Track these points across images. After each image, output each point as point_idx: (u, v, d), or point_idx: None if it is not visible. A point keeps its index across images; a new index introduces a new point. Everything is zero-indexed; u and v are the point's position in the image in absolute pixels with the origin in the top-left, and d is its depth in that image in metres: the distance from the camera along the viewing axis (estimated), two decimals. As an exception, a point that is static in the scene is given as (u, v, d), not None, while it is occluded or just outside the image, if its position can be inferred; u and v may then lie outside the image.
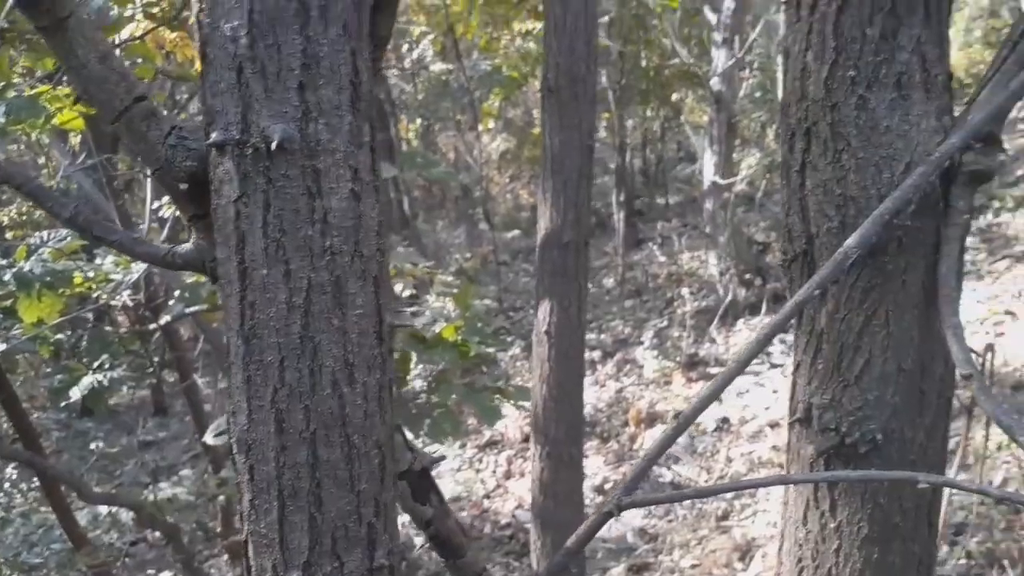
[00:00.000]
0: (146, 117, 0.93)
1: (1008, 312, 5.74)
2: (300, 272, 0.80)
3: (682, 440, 6.02)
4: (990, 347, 2.20)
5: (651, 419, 6.26)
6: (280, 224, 0.79)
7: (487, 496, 6.06)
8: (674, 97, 8.94)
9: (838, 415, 1.20)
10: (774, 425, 5.81)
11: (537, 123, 11.82)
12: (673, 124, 11.27)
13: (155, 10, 3.57)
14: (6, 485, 6.07)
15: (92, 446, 7.61)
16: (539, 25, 8.59)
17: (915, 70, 1.12)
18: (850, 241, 1.07)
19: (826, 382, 1.20)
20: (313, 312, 0.81)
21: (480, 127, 9.59)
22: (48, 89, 3.49)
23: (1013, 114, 9.33)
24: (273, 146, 0.76)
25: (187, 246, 1.01)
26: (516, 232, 12.35)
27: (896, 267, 1.15)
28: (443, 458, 1.32)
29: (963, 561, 4.01)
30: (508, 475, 6.21)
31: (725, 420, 6.05)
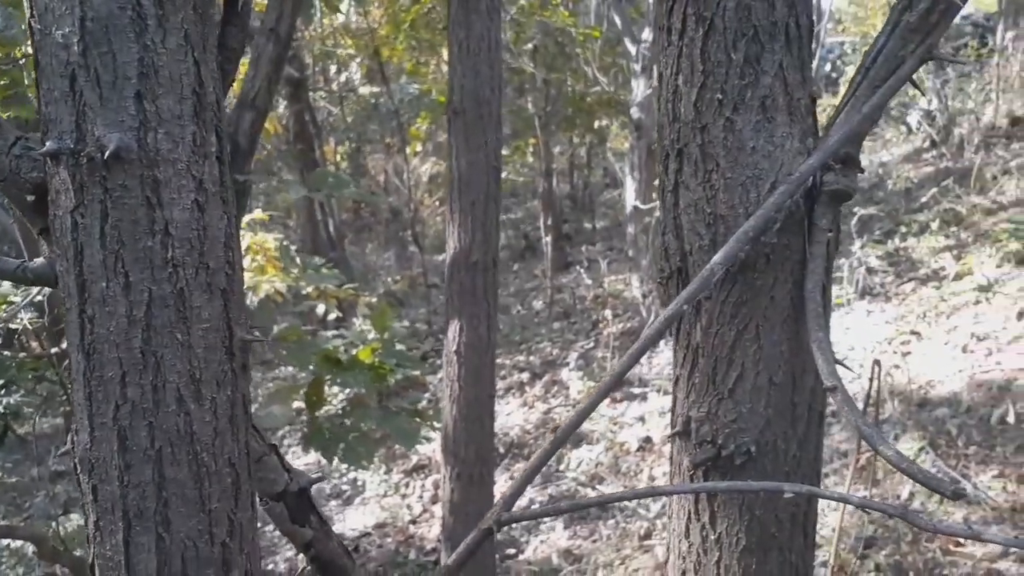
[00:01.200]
0: (-15, 126, 0.89)
1: (914, 332, 5.98)
2: (140, 284, 0.77)
3: (606, 460, 6.07)
4: (877, 363, 2.28)
5: (577, 439, 6.29)
6: (119, 235, 0.77)
7: (413, 522, 5.98)
8: (597, 124, 9.10)
9: (714, 427, 1.22)
10: (695, 444, 5.89)
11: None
12: (599, 150, 11.47)
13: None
14: None
15: (-1, 477, 7.28)
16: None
17: (778, 93, 1.16)
18: (716, 258, 1.10)
19: (702, 395, 1.22)
20: (155, 326, 0.79)
21: (408, 150, 9.58)
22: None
23: (918, 143, 9.80)
24: (107, 155, 0.74)
25: (39, 260, 0.98)
26: (444, 255, 12.33)
27: (764, 283, 1.19)
28: (322, 478, 1.30)
29: (872, 574, 4.13)
30: (435, 500, 6.14)
31: (648, 440, 6.12)
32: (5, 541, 5.08)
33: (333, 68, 10.61)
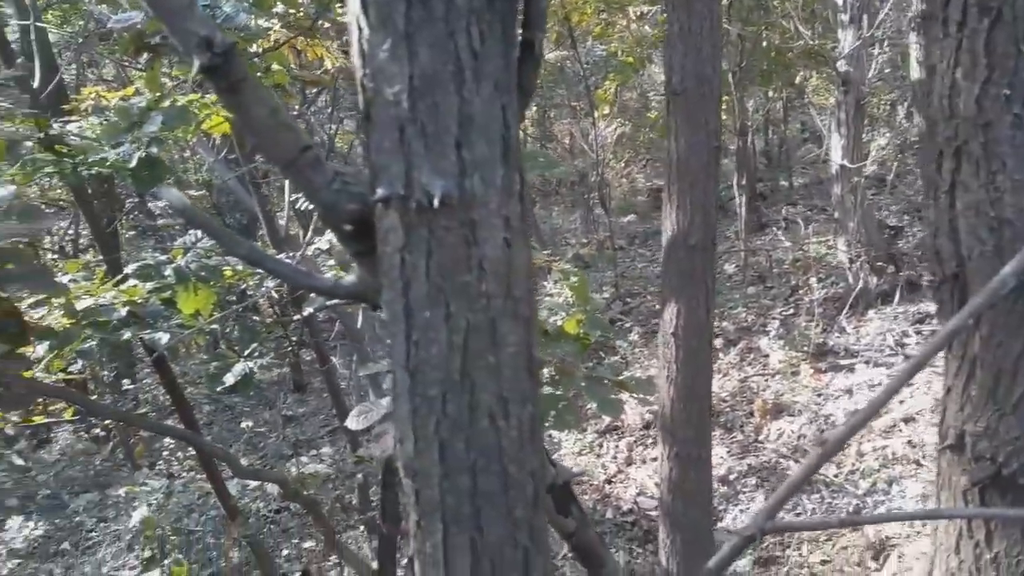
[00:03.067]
0: (312, 165, 1.01)
1: None
2: (459, 315, 0.85)
3: (809, 433, 5.86)
4: None
5: (777, 410, 6.12)
6: (441, 271, 0.84)
7: (608, 481, 6.08)
8: (797, 79, 8.60)
9: (994, 444, 1.16)
10: (908, 420, 5.56)
11: (653, 107, 11.65)
12: (796, 104, 10.86)
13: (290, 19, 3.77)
14: (166, 457, 6.60)
15: (241, 424, 8.20)
16: (654, 9, 8.46)
17: (1078, 83, 1.06)
18: (1008, 269, 1.03)
19: (980, 409, 1.16)
20: (471, 351, 0.86)
21: (596, 113, 9.55)
22: (198, 97, 3.76)
23: None
24: (435, 202, 0.82)
25: (351, 279, 1.09)
26: (632, 217, 12.26)
27: (1057, 290, 1.10)
28: (583, 473, 1.37)
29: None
30: (629, 461, 6.21)
31: (856, 414, 5.83)
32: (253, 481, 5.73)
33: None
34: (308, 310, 4.03)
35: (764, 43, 8.43)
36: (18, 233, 2.35)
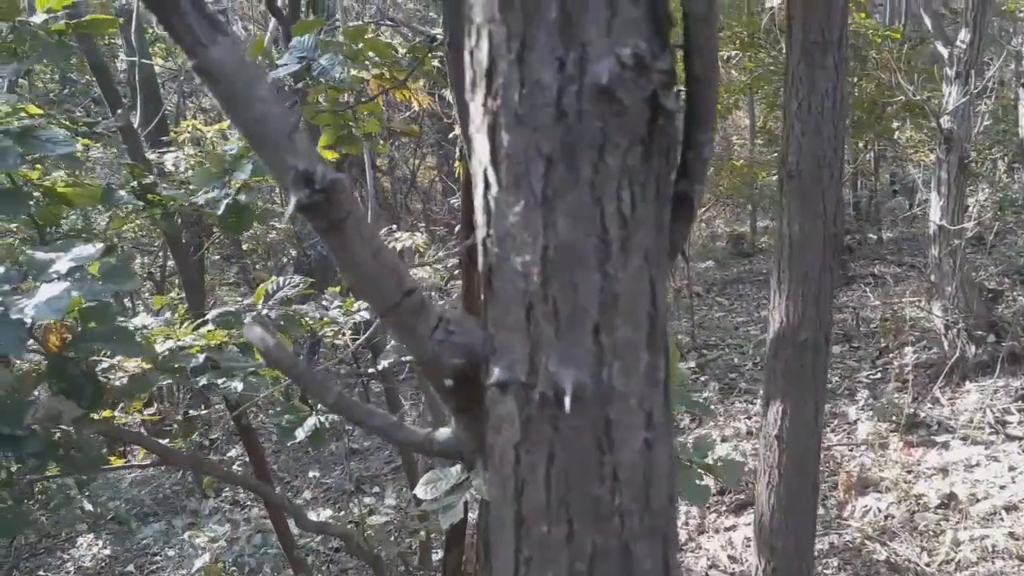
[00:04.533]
0: (415, 310, 0.88)
1: None
2: (584, 535, 0.70)
3: (898, 514, 5.48)
4: None
5: (863, 486, 5.75)
6: (565, 479, 0.70)
7: (679, 549, 5.79)
8: (897, 134, 8.27)
9: None
10: (1011, 508, 5.14)
11: (737, 153, 11.38)
12: (887, 154, 10.46)
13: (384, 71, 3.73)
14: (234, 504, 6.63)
15: (309, 451, 8.21)
16: (742, 54, 8.25)
17: None
18: None
19: None
20: (596, 576, 0.71)
21: (679, 159, 9.35)
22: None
23: None
24: (566, 398, 0.67)
25: (445, 433, 0.96)
26: (710, 263, 11.96)
27: None
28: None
29: None
30: (701, 530, 5.92)
31: (951, 496, 5.43)
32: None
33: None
34: (384, 363, 3.95)
35: (856, 92, 8.13)
36: (102, 293, 2.31)
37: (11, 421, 2.12)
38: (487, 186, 0.70)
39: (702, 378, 8.15)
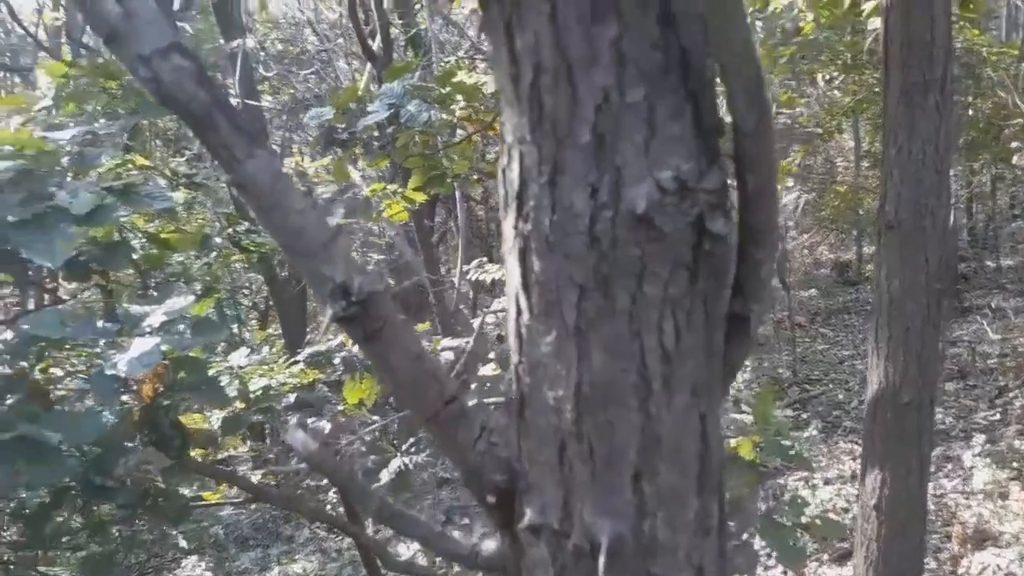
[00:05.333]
0: (456, 419, 0.83)
1: None
2: None
3: (1020, 572, 5.06)
4: None
5: (980, 539, 5.34)
6: (605, 640, 0.63)
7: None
8: (1015, 158, 7.76)
9: None
10: None
11: (841, 175, 10.94)
12: (1005, 176, 9.83)
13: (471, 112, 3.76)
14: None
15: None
16: (843, 77, 7.93)
17: None
18: None
19: None
20: None
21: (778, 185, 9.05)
22: (382, 187, 3.81)
23: None
24: (601, 552, 0.61)
25: (490, 547, 0.91)
26: (813, 292, 11.51)
27: None
28: None
29: None
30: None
31: (1082, 555, 4.98)
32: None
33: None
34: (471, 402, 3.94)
35: (971, 112, 7.68)
36: (194, 345, 2.37)
37: (104, 472, 2.19)
38: (519, 311, 0.65)
39: (804, 415, 7.80)
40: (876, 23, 4.67)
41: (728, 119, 0.58)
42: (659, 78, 0.57)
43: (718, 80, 0.59)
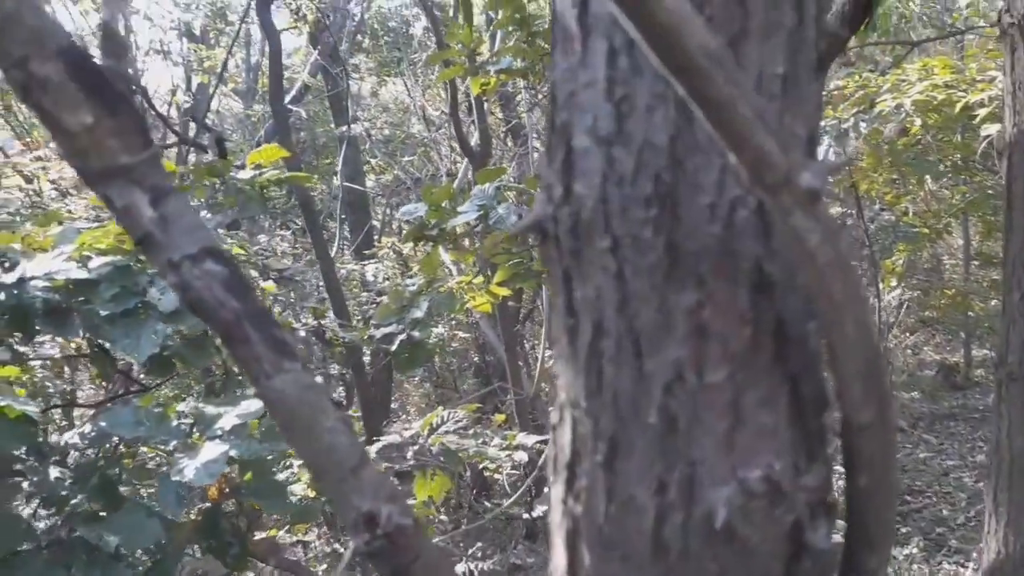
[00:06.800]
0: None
1: None
2: None
3: None
4: None
5: None
6: None
7: None
8: None
9: None
10: None
11: (948, 273, 10.40)
12: None
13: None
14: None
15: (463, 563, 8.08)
16: (954, 176, 7.58)
17: None
18: None
19: None
20: None
21: (880, 284, 8.66)
22: (468, 279, 3.79)
23: None
24: None
25: None
26: (916, 394, 10.85)
27: None
28: None
29: None
30: None
31: None
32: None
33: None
34: (541, 509, 3.80)
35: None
36: (263, 452, 2.34)
37: (162, 578, 2.14)
38: None
39: (903, 529, 7.23)
40: (991, 129, 4.43)
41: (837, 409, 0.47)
42: (748, 356, 0.46)
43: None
